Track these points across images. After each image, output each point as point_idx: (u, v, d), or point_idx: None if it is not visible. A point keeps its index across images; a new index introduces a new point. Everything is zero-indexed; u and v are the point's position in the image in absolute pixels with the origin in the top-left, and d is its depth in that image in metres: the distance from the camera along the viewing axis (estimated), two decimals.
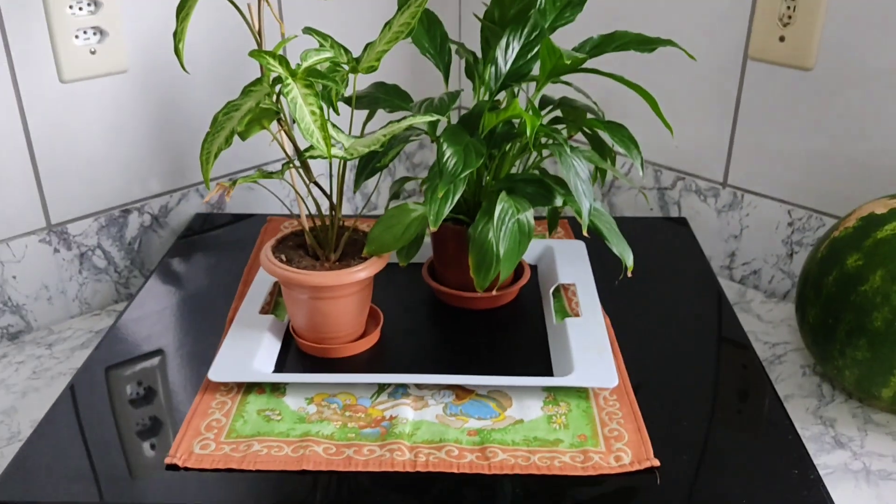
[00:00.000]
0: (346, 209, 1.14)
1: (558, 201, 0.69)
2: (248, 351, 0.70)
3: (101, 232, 0.93)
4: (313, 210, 0.71)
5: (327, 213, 0.71)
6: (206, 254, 0.93)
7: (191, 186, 1.01)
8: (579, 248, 0.88)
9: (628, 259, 0.68)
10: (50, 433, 0.63)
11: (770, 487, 0.57)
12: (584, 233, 0.66)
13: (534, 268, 0.86)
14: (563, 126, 0.76)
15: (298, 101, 0.56)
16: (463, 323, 0.77)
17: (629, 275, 0.68)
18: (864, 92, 0.84)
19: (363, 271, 0.69)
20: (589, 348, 0.69)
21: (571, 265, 0.83)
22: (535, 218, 0.68)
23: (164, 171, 0.98)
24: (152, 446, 0.62)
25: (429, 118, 0.64)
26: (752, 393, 0.68)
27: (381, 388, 0.68)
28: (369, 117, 0.79)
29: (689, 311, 0.80)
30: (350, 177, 0.81)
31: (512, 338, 0.75)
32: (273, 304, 0.80)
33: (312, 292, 0.69)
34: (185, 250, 0.94)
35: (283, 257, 0.70)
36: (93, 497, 0.57)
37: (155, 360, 0.73)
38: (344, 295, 0.69)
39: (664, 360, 0.72)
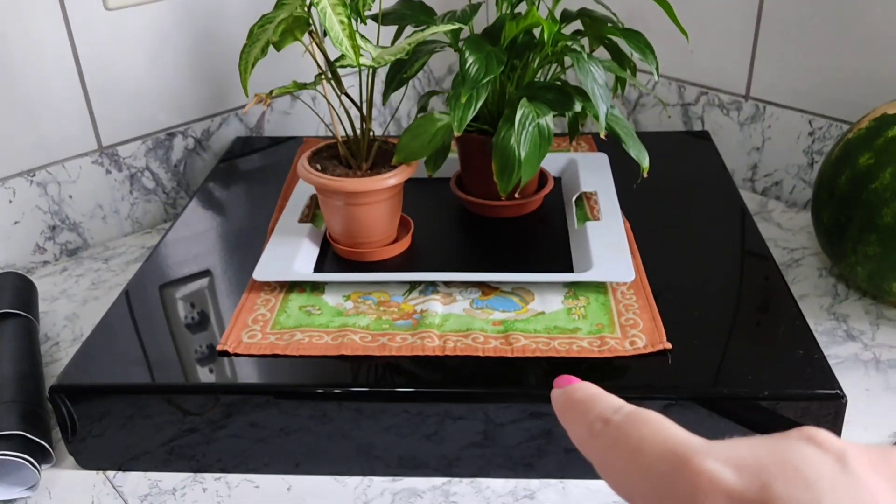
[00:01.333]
0: (375, 129, 1.18)
1: (577, 106, 0.72)
2: (289, 254, 0.75)
3: (149, 154, 0.99)
4: (346, 123, 0.75)
5: (358, 125, 0.75)
6: (247, 175, 0.98)
7: (230, 111, 1.06)
8: (602, 160, 0.91)
9: (644, 161, 0.71)
10: (108, 331, 0.70)
11: (775, 365, 0.61)
12: (602, 135, 0.69)
13: (558, 180, 0.90)
14: (584, 37, 0.79)
15: (328, 10, 0.59)
16: (489, 229, 0.82)
17: (644, 175, 0.71)
18: (886, 0, 0.85)
19: (393, 178, 0.73)
20: (607, 247, 0.73)
21: (594, 176, 0.87)
22: (557, 135, 0.71)
23: (204, 97, 1.03)
24: (203, 338, 0.68)
25: (451, 27, 0.67)
26: (762, 287, 0.71)
27: (413, 286, 0.73)
28: (397, 35, 0.82)
29: (708, 219, 0.83)
30: (379, 91, 0.85)
31: (535, 241, 0.79)
32: (311, 215, 0.85)
33: (347, 198, 0.74)
34: (226, 172, 0.99)
35: (319, 167, 0.75)
36: (149, 379, 0.64)
37: (201, 269, 0.78)
38: (376, 201, 0.74)
39: (682, 262, 0.76)
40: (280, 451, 0.65)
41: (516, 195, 0.74)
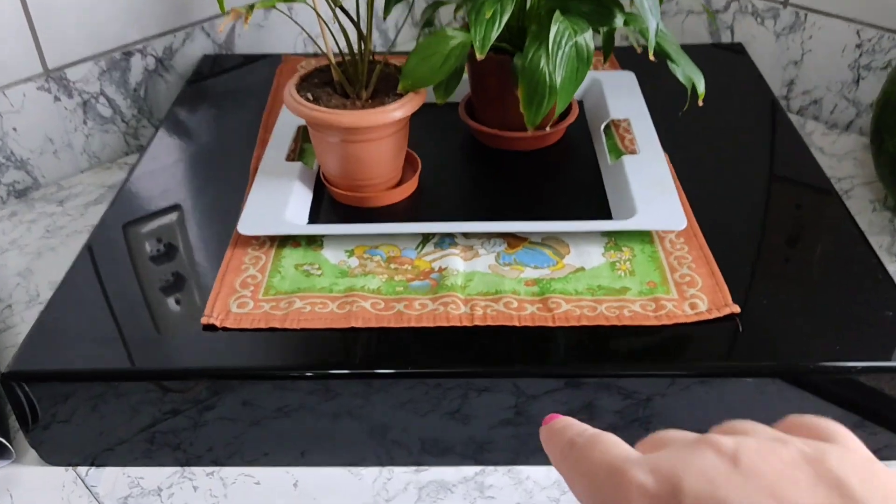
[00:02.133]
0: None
1: (618, 21, 0.60)
2: (279, 201, 0.64)
3: (103, 77, 0.85)
4: (340, 40, 0.63)
5: (355, 45, 0.63)
6: (219, 99, 0.85)
7: (195, 24, 0.91)
8: (629, 80, 0.79)
9: (699, 84, 0.60)
10: (71, 296, 0.59)
11: (862, 330, 0.52)
12: (651, 56, 0.58)
13: (580, 104, 0.79)
14: None
15: None
16: (507, 166, 0.71)
17: (700, 103, 0.61)
18: None
19: (399, 109, 0.61)
20: (650, 187, 0.63)
21: (622, 98, 0.76)
22: None
23: (165, 8, 0.88)
24: (183, 307, 0.57)
25: None
26: (832, 232, 0.62)
27: (426, 238, 0.62)
28: None
29: (755, 149, 0.73)
30: (379, 6, 0.72)
31: (562, 180, 0.69)
32: (298, 150, 0.73)
33: (344, 134, 0.62)
34: (195, 96, 0.86)
35: (310, 96, 0.63)
36: (124, 362, 0.53)
37: (175, 216, 0.67)
38: (379, 137, 0.63)
39: (732, 199, 0.66)
40: (281, 435, 0.56)
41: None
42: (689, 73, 0.61)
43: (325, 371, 0.52)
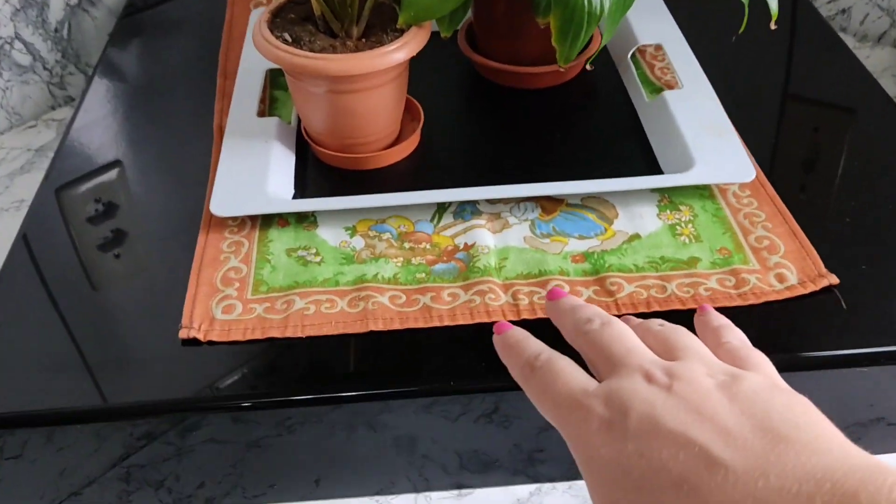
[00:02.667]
0: None
1: None
2: (256, 171, 0.52)
3: (17, 17, 0.70)
4: None
5: None
6: (161, 37, 0.71)
7: None
8: None
9: (772, 2, 0.49)
10: (5, 309, 0.47)
11: None
12: None
13: None
14: None
15: None
16: (521, 108, 0.60)
17: (773, 26, 0.50)
18: None
19: (401, 50, 0.49)
20: (704, 130, 0.53)
21: (648, 21, 0.64)
22: None
23: None
24: (153, 316, 0.46)
25: None
26: None
27: (441, 207, 0.51)
28: None
29: (808, 73, 0.63)
30: None
31: (592, 124, 0.58)
32: (269, 100, 0.60)
33: (333, 83, 0.50)
34: (130, 34, 0.72)
35: (287, 37, 0.50)
36: (83, 398, 0.42)
37: (129, 192, 0.54)
38: (376, 85, 0.51)
39: (795, 138, 0.56)
40: (287, 459, 0.46)
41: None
42: None
43: (343, 394, 0.42)
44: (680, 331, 0.34)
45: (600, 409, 0.29)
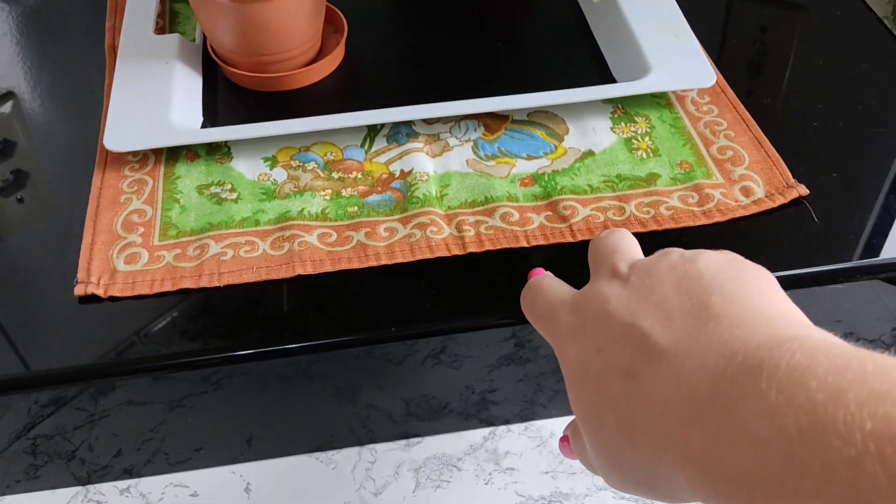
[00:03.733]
0: None
1: None
2: (157, 97, 0.45)
3: None
4: None
5: None
6: None
7: None
8: None
9: None
10: None
11: None
12: None
13: None
14: None
15: None
16: (457, 16, 0.54)
17: None
18: None
19: None
20: (659, 32, 0.48)
21: None
22: None
23: None
24: (44, 269, 0.39)
25: None
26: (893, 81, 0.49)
27: (372, 130, 0.46)
28: None
29: None
30: None
31: (535, 31, 0.52)
32: (168, 14, 0.53)
33: None
34: None
35: None
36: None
37: (13, 125, 0.47)
38: None
39: (751, 38, 0.52)
40: (213, 418, 0.41)
41: None
42: None
43: (267, 348, 0.37)
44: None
45: (567, 316, 0.30)
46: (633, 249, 0.33)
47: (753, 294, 0.26)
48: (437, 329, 0.38)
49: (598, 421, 0.27)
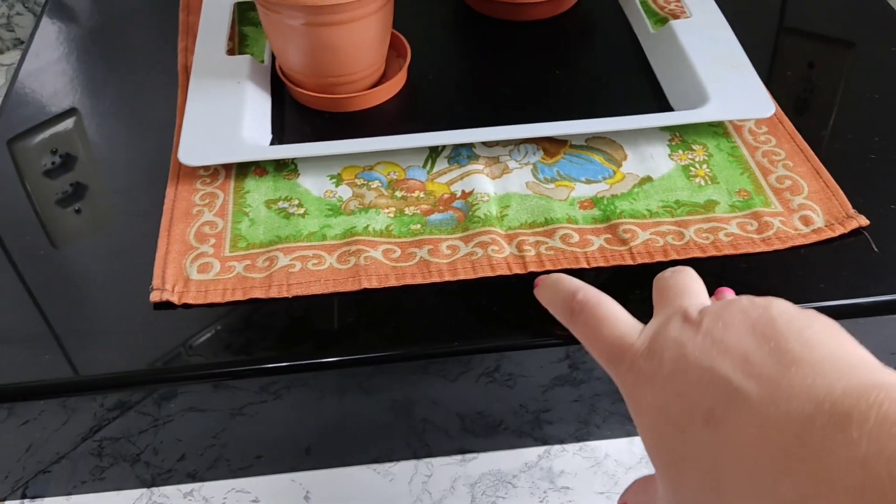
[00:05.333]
0: None
1: None
2: (229, 114, 0.47)
3: None
4: None
5: None
6: None
7: None
8: None
9: None
10: None
11: None
12: None
13: None
14: None
15: None
16: (516, 43, 0.55)
17: None
18: None
19: None
20: (717, 63, 0.49)
21: None
22: None
23: None
24: (119, 276, 0.41)
25: None
26: None
27: (434, 152, 0.47)
28: None
29: (820, 3, 0.59)
30: None
31: (593, 59, 0.53)
32: (238, 36, 0.55)
33: (313, 14, 0.45)
34: None
35: None
36: (41, 372, 0.38)
37: (87, 140, 0.49)
38: (361, 16, 0.46)
39: (809, 70, 0.53)
40: (274, 428, 0.42)
41: None
42: None
43: (335, 358, 0.38)
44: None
45: (642, 363, 0.30)
46: (701, 291, 0.33)
47: (827, 340, 0.26)
48: (492, 346, 0.39)
49: (678, 470, 0.27)
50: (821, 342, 0.26)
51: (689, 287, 0.33)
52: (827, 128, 0.48)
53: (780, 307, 0.28)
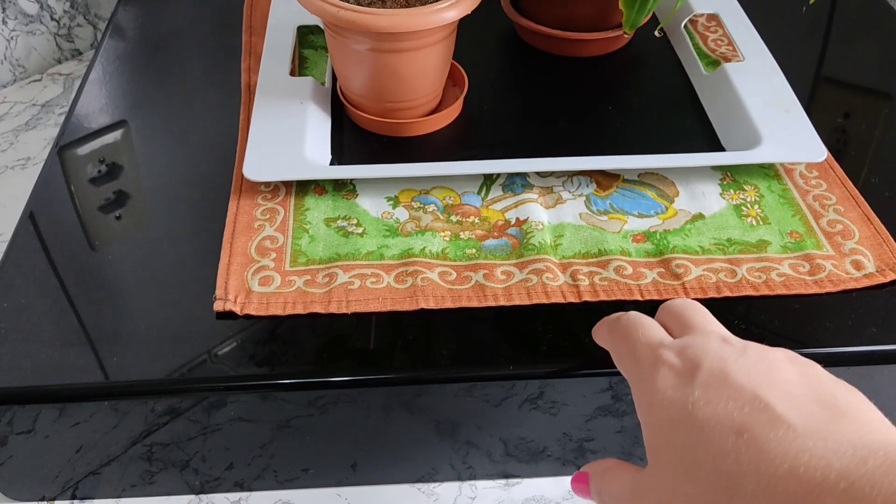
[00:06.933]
0: None
1: None
2: (292, 134, 0.48)
3: None
4: None
5: None
6: None
7: None
8: None
9: None
10: (16, 281, 0.43)
11: None
12: None
13: None
14: None
15: None
16: (570, 77, 0.56)
17: None
18: None
19: (454, 8, 0.46)
20: (769, 106, 0.50)
21: None
22: None
23: None
24: (183, 285, 0.42)
25: None
26: None
27: (489, 179, 0.48)
28: None
29: (870, 46, 0.60)
30: None
31: (646, 97, 0.55)
32: (298, 58, 0.57)
33: (380, 41, 0.46)
34: None
35: None
36: (99, 374, 0.39)
37: (150, 154, 0.51)
38: (425, 45, 0.47)
39: (860, 117, 0.53)
40: (322, 441, 0.43)
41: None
42: None
43: (394, 375, 0.39)
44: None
45: (673, 358, 0.30)
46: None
47: (870, 408, 0.28)
48: (537, 373, 0.40)
49: (688, 469, 0.27)
50: (867, 409, 0.27)
51: (710, 316, 0.34)
52: (875, 175, 0.48)
53: (822, 370, 0.29)
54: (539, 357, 0.40)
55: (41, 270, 0.43)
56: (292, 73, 0.54)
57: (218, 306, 0.40)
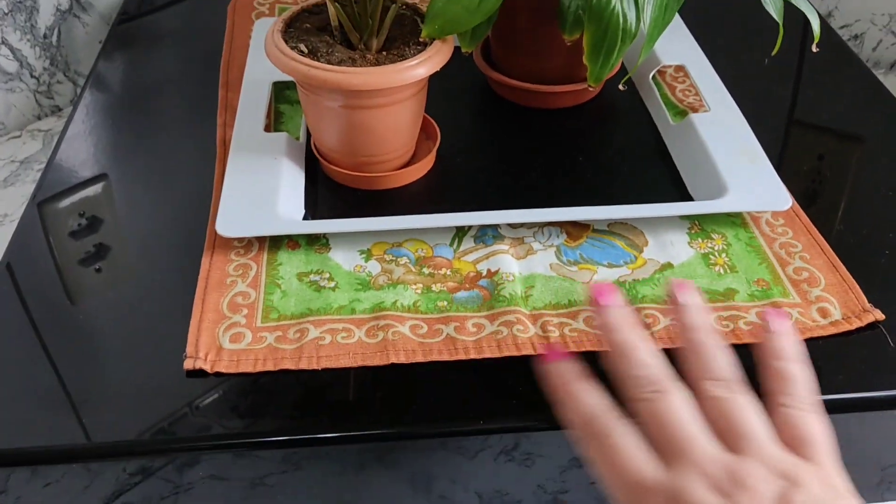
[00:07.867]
0: None
1: None
2: (265, 189, 0.49)
3: (4, 22, 0.67)
4: None
5: None
6: (156, 47, 0.68)
7: None
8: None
9: (814, 23, 0.47)
10: None
11: None
12: None
13: None
14: None
15: None
16: (541, 129, 0.57)
17: (815, 48, 0.48)
18: None
19: (424, 65, 0.47)
20: (735, 156, 0.51)
21: (668, 40, 0.62)
22: None
23: None
24: (153, 342, 0.42)
25: None
26: None
27: (461, 231, 0.49)
28: None
29: (832, 94, 0.62)
30: None
31: (614, 147, 0.56)
32: (273, 113, 0.58)
33: (352, 98, 0.47)
34: (124, 43, 0.68)
35: (303, 47, 0.47)
36: (74, 435, 0.39)
37: (123, 209, 0.51)
38: (396, 101, 0.48)
39: (824, 165, 0.55)
40: (295, 499, 0.42)
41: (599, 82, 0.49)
42: (803, 8, 0.47)
43: (365, 432, 0.39)
44: (742, 408, 0.33)
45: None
46: (703, 434, 0.32)
47: None
48: (512, 426, 0.40)
49: None
50: None
51: (690, 427, 0.32)
52: (841, 222, 0.49)
53: (811, 496, 0.30)
54: (511, 411, 0.40)
55: (17, 324, 0.43)
56: (267, 129, 0.54)
57: (188, 364, 0.40)
